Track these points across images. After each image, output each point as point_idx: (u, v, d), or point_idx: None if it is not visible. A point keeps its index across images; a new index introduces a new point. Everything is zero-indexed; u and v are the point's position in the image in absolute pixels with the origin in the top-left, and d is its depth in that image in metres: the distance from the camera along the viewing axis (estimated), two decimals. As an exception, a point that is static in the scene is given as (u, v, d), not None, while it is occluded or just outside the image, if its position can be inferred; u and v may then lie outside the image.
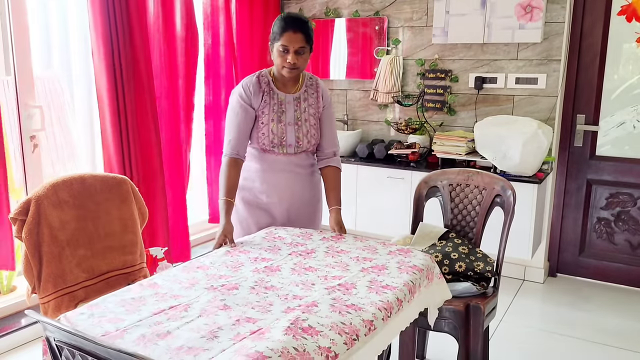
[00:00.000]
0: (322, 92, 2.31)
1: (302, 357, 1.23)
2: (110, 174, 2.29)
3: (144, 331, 1.32)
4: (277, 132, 2.20)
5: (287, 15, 2.14)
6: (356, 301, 1.53)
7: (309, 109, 2.26)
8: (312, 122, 2.26)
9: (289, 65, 2.12)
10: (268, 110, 2.20)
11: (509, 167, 3.24)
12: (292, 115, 2.22)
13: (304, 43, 2.10)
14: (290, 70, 2.14)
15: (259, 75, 2.25)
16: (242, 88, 2.22)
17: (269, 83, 2.23)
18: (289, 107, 2.23)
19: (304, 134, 2.24)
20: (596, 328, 3.00)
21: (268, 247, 1.96)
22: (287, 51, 2.10)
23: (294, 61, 2.11)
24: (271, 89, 2.22)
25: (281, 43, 2.09)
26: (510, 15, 3.39)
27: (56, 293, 2.03)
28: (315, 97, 2.29)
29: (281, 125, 2.20)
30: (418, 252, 1.94)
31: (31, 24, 2.71)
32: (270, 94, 2.21)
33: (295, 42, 2.08)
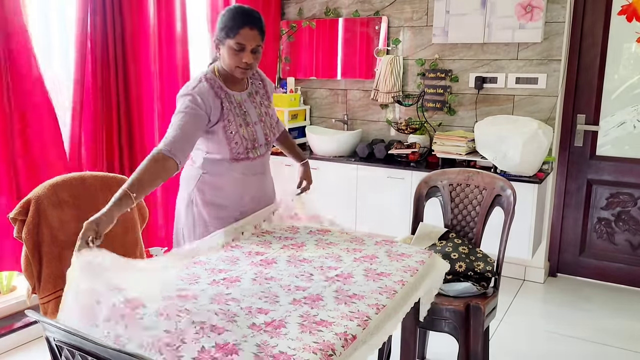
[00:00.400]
0: (266, 82, 2.19)
1: (324, 345, 1.26)
2: (110, 174, 2.29)
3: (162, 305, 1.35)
4: (249, 135, 2.02)
5: (239, 7, 1.93)
6: (357, 290, 1.58)
7: (263, 102, 2.13)
8: (270, 114, 2.15)
9: (244, 65, 1.92)
10: (233, 116, 1.98)
11: (509, 167, 3.23)
12: (254, 113, 2.07)
13: (260, 41, 1.92)
14: (244, 71, 1.95)
15: (207, 79, 1.97)
16: (196, 96, 1.92)
17: (221, 86, 1.99)
18: (249, 106, 2.06)
19: (270, 129, 2.12)
20: (596, 328, 3.00)
21: (259, 242, 2.00)
22: (242, 49, 1.89)
23: (250, 61, 1.92)
24: (225, 92, 1.99)
25: (236, 41, 1.87)
26: (510, 15, 3.39)
27: (56, 293, 2.03)
28: (262, 87, 2.16)
29: (249, 127, 2.03)
30: (402, 243, 2.02)
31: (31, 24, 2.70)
32: (228, 98, 1.99)
33: (252, 39, 1.89)
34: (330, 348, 1.26)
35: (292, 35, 4.32)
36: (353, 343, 1.31)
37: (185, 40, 3.46)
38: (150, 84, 3.25)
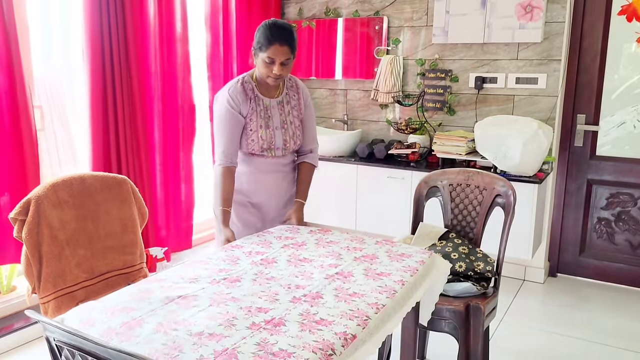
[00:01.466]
0: (302, 93, 2.35)
1: (323, 344, 1.26)
2: (110, 174, 2.29)
3: (160, 319, 1.36)
4: (266, 137, 2.23)
5: (273, 24, 2.11)
6: (357, 289, 1.59)
7: (292, 112, 2.30)
8: (296, 124, 2.31)
9: (274, 75, 2.13)
10: (255, 117, 2.21)
11: (509, 167, 3.23)
12: (278, 119, 2.26)
13: (289, 55, 2.11)
14: (275, 80, 2.16)
15: (242, 82, 2.23)
16: (230, 96, 2.19)
17: (254, 89, 2.23)
18: (274, 112, 2.25)
19: (290, 137, 2.28)
20: (596, 328, 3.00)
21: (259, 242, 2.01)
22: (272, 62, 2.10)
23: (279, 73, 2.12)
24: (256, 95, 2.23)
25: (267, 55, 2.08)
26: (510, 15, 3.39)
27: (56, 293, 2.03)
28: (297, 99, 2.32)
29: (269, 130, 2.23)
30: (402, 243, 2.04)
31: (31, 24, 2.70)
32: (256, 101, 2.22)
33: (281, 54, 2.09)
34: (330, 348, 1.26)
35: (292, 35, 4.32)
36: (353, 343, 1.32)
37: (186, 40, 3.46)
38: (150, 83, 3.26)
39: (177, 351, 1.22)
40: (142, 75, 3.19)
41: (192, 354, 1.20)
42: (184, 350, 1.22)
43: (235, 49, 3.91)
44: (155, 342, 1.25)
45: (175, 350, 1.22)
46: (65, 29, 3.04)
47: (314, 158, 2.41)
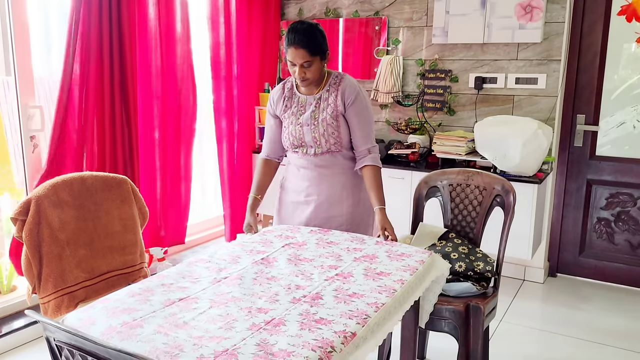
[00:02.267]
0: (342, 89, 2.22)
1: (323, 342, 1.27)
2: (110, 174, 2.29)
3: (161, 322, 1.36)
4: (295, 133, 2.23)
5: (293, 27, 2.11)
6: (357, 289, 1.59)
7: (327, 109, 2.21)
8: (329, 121, 2.19)
9: (299, 78, 2.16)
10: (289, 113, 2.27)
11: (509, 167, 3.23)
12: (308, 115, 2.22)
13: (308, 57, 2.09)
14: (302, 81, 2.18)
15: (285, 81, 2.33)
16: (270, 95, 2.34)
17: (292, 87, 2.29)
18: (308, 108, 2.24)
19: (321, 134, 2.20)
20: (596, 328, 3.00)
21: (260, 241, 2.02)
22: (294, 65, 2.13)
23: (302, 75, 2.13)
24: (293, 93, 2.28)
25: (288, 58, 2.14)
26: (510, 15, 3.40)
27: (56, 293, 2.03)
28: (335, 96, 2.22)
29: (298, 126, 2.23)
30: (402, 243, 2.04)
31: (31, 24, 2.70)
32: (292, 98, 2.28)
33: (299, 58, 2.09)
34: (330, 345, 1.26)
35: (292, 36, 4.32)
36: (353, 340, 1.32)
37: (186, 40, 3.46)
38: (149, 82, 3.26)
39: (178, 350, 1.22)
40: (141, 75, 3.19)
41: (192, 354, 1.21)
42: (184, 349, 1.22)
43: (235, 49, 3.91)
44: (155, 342, 1.26)
45: (176, 350, 1.22)
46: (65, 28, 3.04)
47: (374, 159, 2.24)
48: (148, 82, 3.25)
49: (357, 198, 2.31)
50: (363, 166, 2.23)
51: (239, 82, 3.97)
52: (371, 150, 2.24)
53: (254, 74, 4.10)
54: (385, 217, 2.15)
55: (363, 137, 2.23)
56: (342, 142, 2.23)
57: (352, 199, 2.30)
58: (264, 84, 4.19)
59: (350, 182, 2.29)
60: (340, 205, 2.28)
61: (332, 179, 2.27)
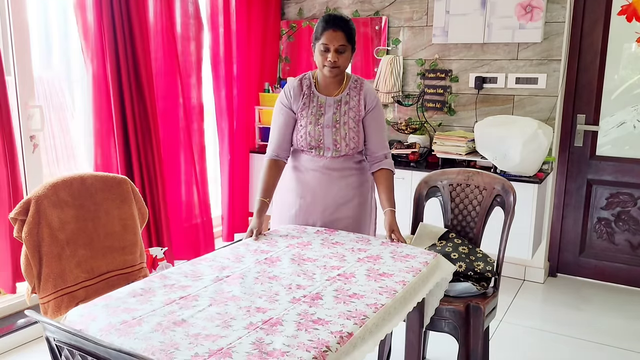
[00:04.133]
0: (364, 95, 2.23)
1: (318, 343, 1.27)
2: (110, 174, 2.29)
3: (160, 320, 1.37)
4: (315, 134, 2.19)
5: (327, 14, 2.14)
6: (357, 290, 1.59)
7: (349, 112, 2.21)
8: (351, 125, 2.20)
9: (329, 64, 2.10)
10: (307, 112, 2.20)
11: (509, 167, 3.23)
12: (330, 117, 2.19)
13: (344, 41, 2.08)
14: (331, 69, 2.12)
15: (302, 78, 2.25)
16: (284, 91, 2.24)
17: (311, 85, 2.23)
18: (329, 110, 2.20)
19: (342, 137, 2.20)
20: (596, 328, 3.00)
21: (265, 240, 2.02)
22: (327, 50, 2.08)
23: (335, 59, 2.09)
24: (312, 91, 2.22)
25: (322, 42, 2.09)
26: (510, 15, 3.39)
27: (56, 293, 2.03)
28: (357, 100, 2.22)
29: (318, 127, 2.19)
30: (408, 245, 2.04)
31: (31, 24, 2.70)
32: (310, 97, 2.21)
33: (335, 40, 2.07)
34: (325, 345, 1.26)
35: (292, 36, 4.32)
36: (350, 340, 1.32)
37: (186, 39, 3.46)
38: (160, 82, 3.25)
39: (173, 348, 1.23)
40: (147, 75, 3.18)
41: (188, 352, 1.21)
42: (180, 348, 1.23)
43: (235, 49, 3.90)
44: (152, 340, 1.26)
45: (172, 347, 1.23)
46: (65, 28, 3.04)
47: (390, 164, 2.28)
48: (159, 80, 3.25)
49: (362, 199, 2.33)
50: (379, 169, 2.26)
51: (238, 82, 3.96)
52: (387, 156, 2.29)
53: (254, 73, 4.09)
54: (395, 220, 2.18)
55: (380, 142, 2.27)
56: (359, 146, 2.26)
57: (358, 200, 2.31)
58: (264, 84, 4.19)
59: (357, 184, 2.31)
60: (346, 207, 2.29)
61: (339, 182, 2.27)
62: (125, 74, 2.99)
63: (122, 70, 2.97)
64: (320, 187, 2.25)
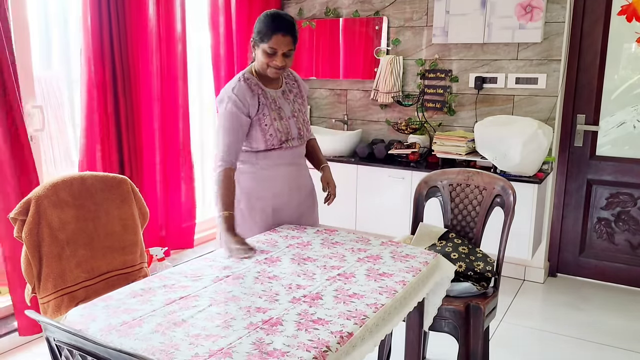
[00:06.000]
0: (300, 82, 2.34)
1: (318, 343, 1.26)
2: (110, 174, 2.29)
3: (160, 320, 1.37)
4: (283, 128, 2.18)
5: (275, 14, 2.09)
6: (357, 289, 1.59)
7: (297, 100, 2.29)
8: (303, 111, 2.30)
9: (276, 66, 2.08)
10: (268, 110, 2.15)
11: (509, 167, 3.23)
12: (288, 109, 2.23)
13: (292, 45, 2.07)
14: (277, 72, 2.12)
15: (244, 79, 2.14)
16: (237, 98, 2.09)
17: (258, 84, 2.16)
18: (282, 102, 2.21)
19: (302, 124, 2.27)
20: (596, 328, 3.00)
21: (265, 240, 2.02)
22: (274, 53, 2.05)
23: (282, 64, 2.07)
24: (261, 89, 2.16)
25: (269, 45, 2.03)
26: (510, 15, 3.39)
27: (56, 293, 2.03)
28: (297, 88, 2.31)
29: (283, 121, 2.19)
30: (408, 245, 2.03)
31: (31, 24, 2.70)
32: (264, 95, 2.16)
33: (284, 45, 2.04)
34: (325, 345, 1.26)
35: (292, 35, 4.32)
36: (350, 340, 1.32)
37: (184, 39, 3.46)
38: (150, 83, 3.26)
39: (174, 349, 1.23)
40: (142, 75, 3.19)
41: (188, 352, 1.22)
42: (180, 348, 1.23)
43: (236, 49, 3.91)
44: (153, 340, 1.27)
45: (172, 348, 1.23)
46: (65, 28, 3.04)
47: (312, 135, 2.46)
48: (148, 82, 3.25)
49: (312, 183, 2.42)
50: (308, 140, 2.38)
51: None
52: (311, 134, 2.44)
53: (254, 73, 4.09)
54: (330, 174, 2.39)
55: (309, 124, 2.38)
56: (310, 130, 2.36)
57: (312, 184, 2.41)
58: (264, 83, 4.19)
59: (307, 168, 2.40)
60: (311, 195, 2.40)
61: (305, 170, 2.36)
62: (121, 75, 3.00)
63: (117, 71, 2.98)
64: (293, 179, 2.27)
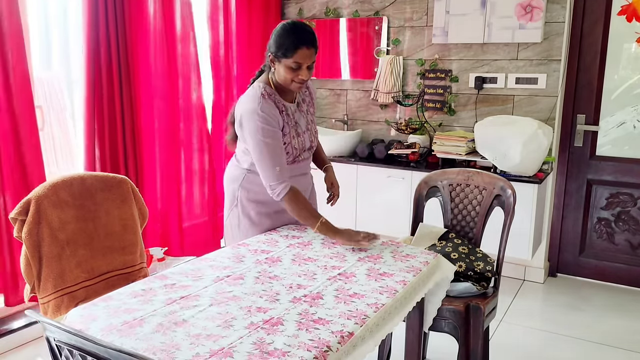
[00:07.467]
0: (310, 87, 2.29)
1: (319, 343, 1.27)
2: (110, 174, 2.29)
3: (161, 320, 1.37)
4: (299, 145, 2.13)
5: (295, 27, 2.00)
6: (358, 289, 1.59)
7: (309, 110, 2.24)
8: (314, 121, 2.28)
9: (301, 81, 2.02)
10: (288, 128, 2.09)
11: (509, 167, 3.23)
12: (304, 123, 2.18)
13: (314, 57, 2.01)
14: (301, 85, 2.05)
15: (267, 95, 2.05)
16: (265, 114, 1.99)
17: (280, 100, 2.08)
18: (298, 116, 2.16)
19: (314, 135, 2.24)
20: (596, 328, 3.00)
21: (265, 240, 2.02)
22: (299, 67, 1.98)
23: (307, 78, 2.02)
24: (283, 104, 2.09)
25: (294, 60, 1.96)
26: (510, 15, 3.39)
27: (56, 293, 2.03)
28: (309, 96, 2.27)
29: (300, 137, 2.14)
30: (408, 245, 2.03)
31: (31, 24, 2.70)
32: (286, 111, 2.09)
33: (309, 58, 1.98)
34: (326, 345, 1.26)
35: (292, 36, 4.32)
36: (350, 340, 1.32)
37: (186, 39, 3.46)
38: (150, 82, 3.26)
39: (175, 349, 1.23)
40: (142, 75, 3.19)
41: (189, 352, 1.22)
42: (181, 348, 1.24)
43: (235, 49, 3.90)
44: (153, 340, 1.27)
45: (173, 348, 1.23)
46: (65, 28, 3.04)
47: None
48: (148, 81, 3.25)
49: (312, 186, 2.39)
50: None
51: (238, 82, 3.96)
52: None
53: (254, 74, 4.08)
54: (334, 174, 2.38)
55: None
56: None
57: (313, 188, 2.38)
58: (264, 84, 4.18)
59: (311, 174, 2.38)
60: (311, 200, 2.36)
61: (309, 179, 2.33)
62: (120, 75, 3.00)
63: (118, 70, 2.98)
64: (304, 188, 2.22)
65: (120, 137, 3.07)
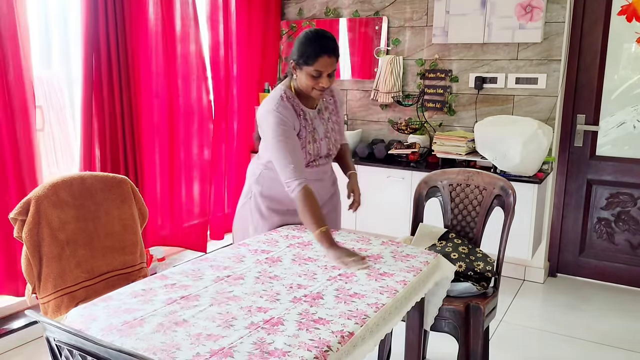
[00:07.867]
0: (336, 95, 2.28)
1: (319, 342, 1.27)
2: (110, 174, 2.29)
3: (161, 320, 1.37)
4: (314, 151, 2.15)
5: (317, 35, 2.01)
6: (358, 289, 1.60)
7: (331, 118, 2.23)
8: (335, 129, 2.25)
9: (321, 88, 2.04)
10: (304, 133, 2.11)
11: (509, 167, 3.23)
12: (322, 130, 2.18)
13: (335, 65, 2.02)
14: (321, 93, 2.07)
15: (287, 99, 2.08)
16: (281, 115, 2.03)
17: (299, 104, 2.11)
18: (317, 123, 2.17)
19: (333, 144, 2.24)
20: (596, 328, 3.00)
21: (265, 240, 2.02)
22: (320, 75, 2.00)
23: (328, 85, 2.03)
24: (302, 109, 2.12)
25: (315, 68, 1.98)
26: (510, 15, 3.39)
27: (56, 293, 2.03)
28: (333, 103, 2.26)
29: (316, 143, 2.15)
30: (408, 245, 2.03)
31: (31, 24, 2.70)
32: (304, 116, 2.12)
33: (330, 66, 2.00)
34: (326, 345, 1.26)
35: (292, 36, 4.32)
36: (351, 340, 1.32)
37: (186, 39, 3.46)
38: (150, 82, 3.26)
39: (175, 348, 1.23)
40: (142, 75, 3.19)
41: (189, 352, 1.22)
42: (181, 348, 1.24)
43: (235, 49, 3.91)
44: (154, 340, 1.27)
45: (173, 348, 1.23)
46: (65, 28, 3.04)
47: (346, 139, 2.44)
48: (148, 81, 3.25)
49: (337, 190, 2.42)
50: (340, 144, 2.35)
51: (238, 82, 3.97)
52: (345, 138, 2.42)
53: (254, 74, 4.09)
54: (357, 181, 2.35)
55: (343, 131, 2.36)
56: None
57: (336, 192, 2.40)
58: (264, 84, 4.19)
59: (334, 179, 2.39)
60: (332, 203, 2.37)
61: (328, 184, 2.33)
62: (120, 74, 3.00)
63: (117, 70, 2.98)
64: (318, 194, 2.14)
65: (120, 137, 3.07)
